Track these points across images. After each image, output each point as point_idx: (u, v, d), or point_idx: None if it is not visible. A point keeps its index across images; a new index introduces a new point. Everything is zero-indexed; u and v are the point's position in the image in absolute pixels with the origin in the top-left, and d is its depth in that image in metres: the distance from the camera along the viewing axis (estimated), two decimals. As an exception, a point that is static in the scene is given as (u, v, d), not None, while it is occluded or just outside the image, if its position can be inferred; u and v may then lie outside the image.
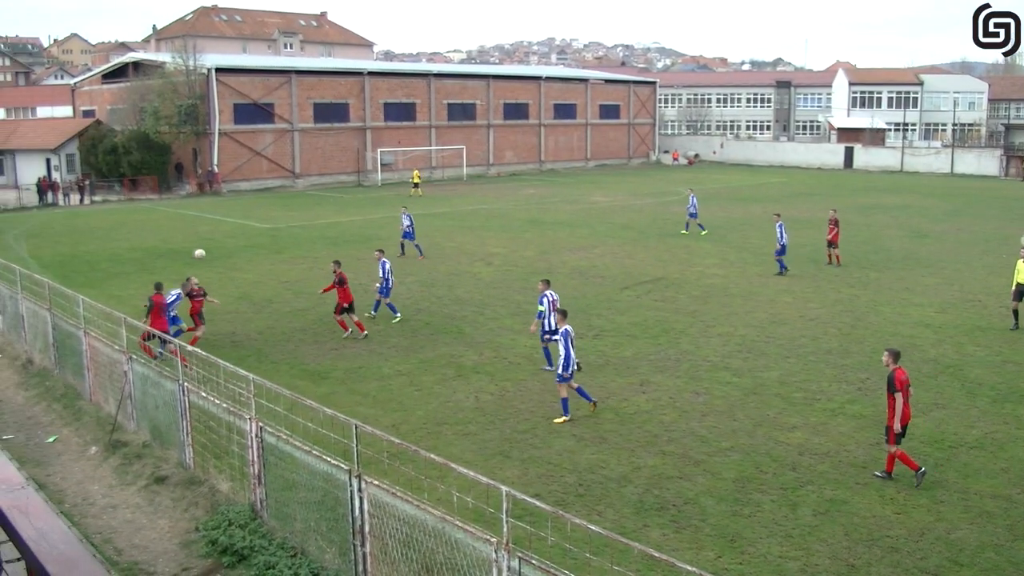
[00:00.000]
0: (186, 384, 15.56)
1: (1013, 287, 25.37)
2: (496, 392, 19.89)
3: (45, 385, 21.65)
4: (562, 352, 17.77)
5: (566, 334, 17.78)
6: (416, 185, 73.46)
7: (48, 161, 74.59)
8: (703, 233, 43.93)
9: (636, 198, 63.55)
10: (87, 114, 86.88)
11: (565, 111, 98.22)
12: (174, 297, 23.67)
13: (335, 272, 25.13)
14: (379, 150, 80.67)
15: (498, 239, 43.43)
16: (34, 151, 74.98)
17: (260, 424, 13.52)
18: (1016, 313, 25.14)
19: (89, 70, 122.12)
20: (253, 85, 74.71)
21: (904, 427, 14.96)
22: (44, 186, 66.91)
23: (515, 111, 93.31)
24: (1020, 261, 24.95)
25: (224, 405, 14.63)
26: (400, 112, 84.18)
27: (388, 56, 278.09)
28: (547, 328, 20.75)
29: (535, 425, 17.87)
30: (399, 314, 27.07)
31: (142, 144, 70.96)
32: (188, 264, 37.10)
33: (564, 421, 17.86)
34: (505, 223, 49.78)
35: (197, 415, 15.43)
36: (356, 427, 11.61)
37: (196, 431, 15.49)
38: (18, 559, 4.86)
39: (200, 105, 72.30)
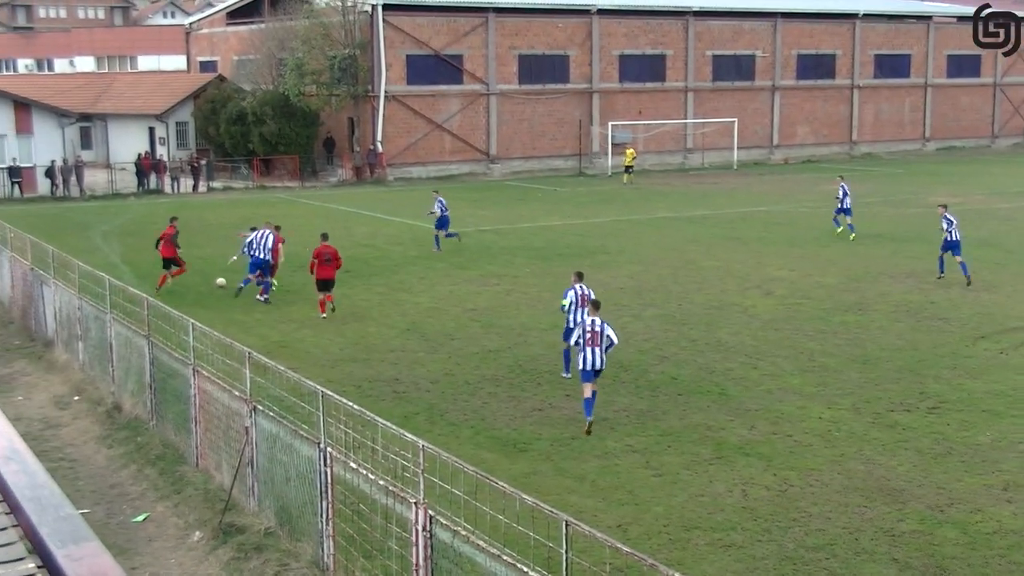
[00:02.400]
0: (330, 450, 16.07)
1: None
2: (774, 486, 19.57)
3: (136, 441, 22.88)
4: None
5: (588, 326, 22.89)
6: (628, 169, 73.63)
7: (151, 131, 79.43)
8: (852, 237, 46.72)
9: (1004, 200, 61.31)
10: (205, 67, 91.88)
11: (892, 66, 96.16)
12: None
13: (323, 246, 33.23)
14: (609, 124, 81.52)
15: (782, 257, 43.05)
16: (133, 117, 79.96)
17: (430, 512, 13.79)
18: None
19: (210, 5, 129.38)
20: (435, 29, 77.14)
21: None
22: (146, 166, 71.16)
23: (814, 66, 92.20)
24: None
25: (381, 482, 15.01)
26: (642, 68, 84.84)
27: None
28: (570, 324, 25.36)
29: (833, 539, 17.46)
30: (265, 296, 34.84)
31: (280, 110, 74.50)
32: (341, 283, 38.63)
33: (589, 425, 22.39)
34: (794, 233, 49.28)
35: (342, 494, 15.90)
36: (567, 525, 11.64)
37: (340, 517, 15.94)
38: None
39: (360, 57, 75.21)
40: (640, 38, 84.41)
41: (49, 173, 67.55)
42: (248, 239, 35.81)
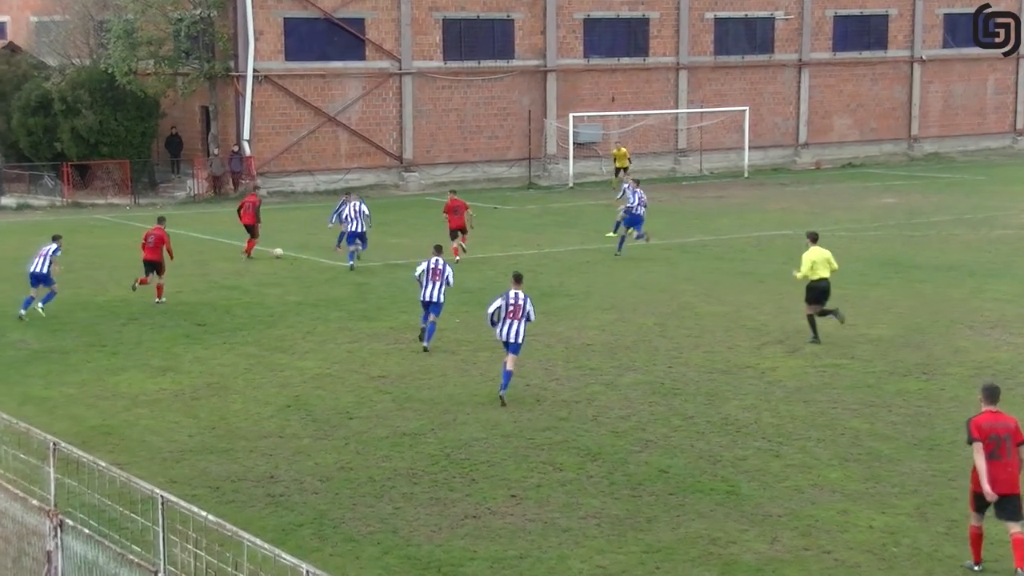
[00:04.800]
0: (172, 579, 15.86)
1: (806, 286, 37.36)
2: (808, 623, 19.51)
3: None
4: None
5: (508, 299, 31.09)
6: (622, 170, 74.32)
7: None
8: (639, 241, 53.38)
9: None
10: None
11: (969, 30, 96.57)
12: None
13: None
14: (570, 115, 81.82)
15: (816, 300, 43.09)
16: None
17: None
18: (813, 320, 37.14)
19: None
20: (323, -18, 77.15)
21: (1000, 495, 20.23)
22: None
23: (859, 32, 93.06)
24: (809, 253, 37.02)
25: (246, 624, 14.83)
26: (616, 37, 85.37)
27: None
28: (424, 298, 36.39)
29: None
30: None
31: (102, 96, 74.29)
32: (193, 341, 38.41)
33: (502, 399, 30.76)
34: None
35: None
36: None
37: (188, 677, 15.73)
38: None
39: (218, 20, 75.16)
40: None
41: None
42: (342, 211, 50.87)
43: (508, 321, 30.73)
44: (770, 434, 28.81)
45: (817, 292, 36.76)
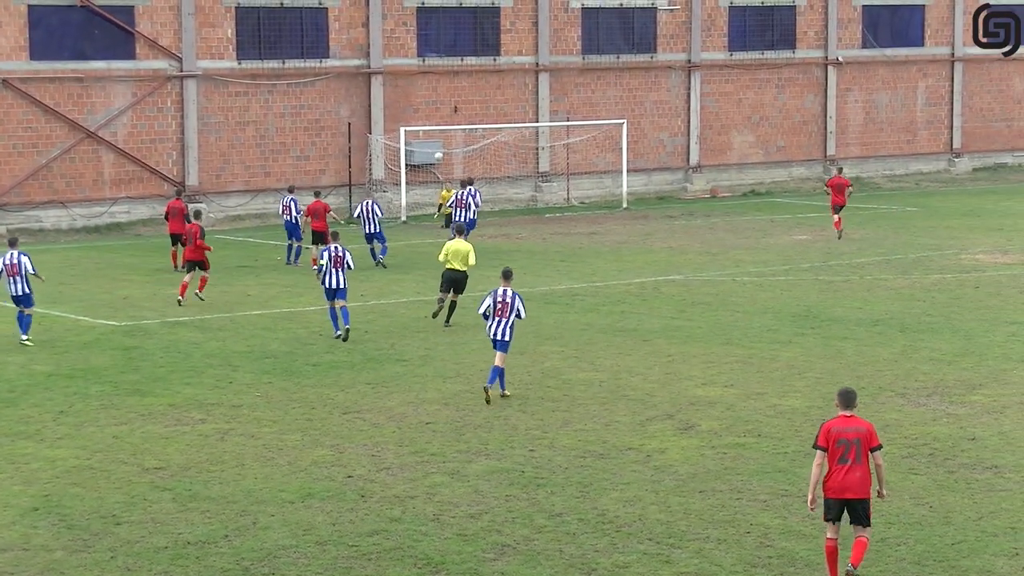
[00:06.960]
0: None
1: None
2: None
3: None
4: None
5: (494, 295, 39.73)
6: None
7: None
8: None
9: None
10: None
11: (896, 25, 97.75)
12: None
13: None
14: (401, 130, 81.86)
15: (712, 363, 43.61)
16: None
17: None
18: (449, 308, 50.06)
19: None
20: (81, -38, 76.69)
21: (835, 500, 24.96)
22: None
23: (760, 26, 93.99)
24: (449, 243, 51.42)
25: None
26: (460, 28, 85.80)
27: None
28: (328, 285, 46.66)
29: None
30: None
31: None
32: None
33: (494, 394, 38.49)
34: (731, 320, 50.22)
35: None
36: None
37: None
38: None
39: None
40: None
41: None
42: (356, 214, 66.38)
43: (496, 319, 39.24)
44: (658, 534, 28.65)
45: (445, 279, 50.19)
